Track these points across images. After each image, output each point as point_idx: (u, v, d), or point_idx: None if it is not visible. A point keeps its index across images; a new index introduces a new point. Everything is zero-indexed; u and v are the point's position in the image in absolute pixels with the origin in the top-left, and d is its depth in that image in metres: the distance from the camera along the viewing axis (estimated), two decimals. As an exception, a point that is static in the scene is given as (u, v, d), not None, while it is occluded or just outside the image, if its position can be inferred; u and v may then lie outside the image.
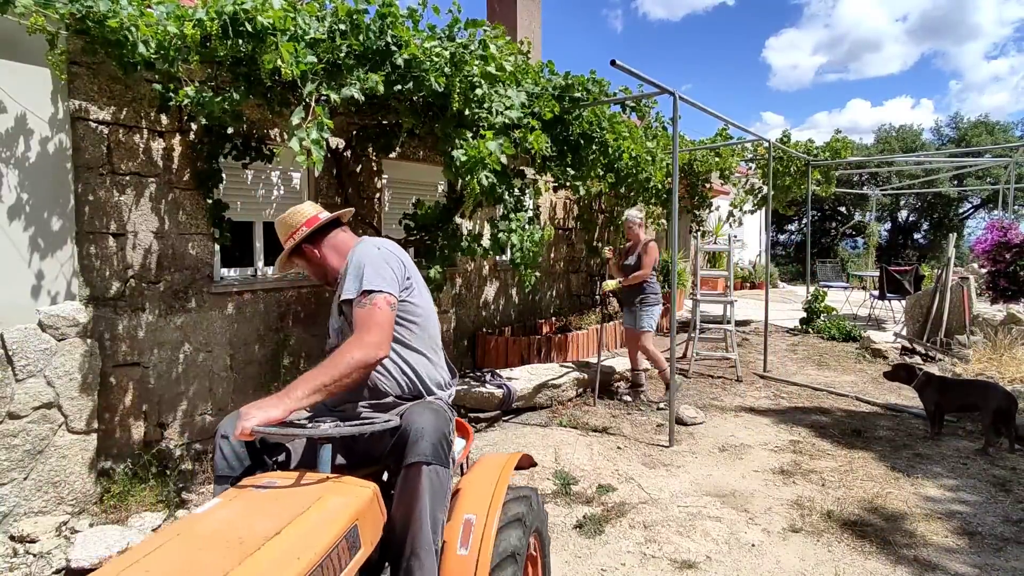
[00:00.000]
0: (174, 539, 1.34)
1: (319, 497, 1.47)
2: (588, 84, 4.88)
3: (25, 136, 3.19)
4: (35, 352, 3.19)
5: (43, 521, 3.13)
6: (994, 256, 7.54)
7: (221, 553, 1.26)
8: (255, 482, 1.60)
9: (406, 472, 1.64)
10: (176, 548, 1.31)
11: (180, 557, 1.27)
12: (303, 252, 2.06)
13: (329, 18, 3.51)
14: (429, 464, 1.63)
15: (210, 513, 1.45)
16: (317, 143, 3.12)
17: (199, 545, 1.31)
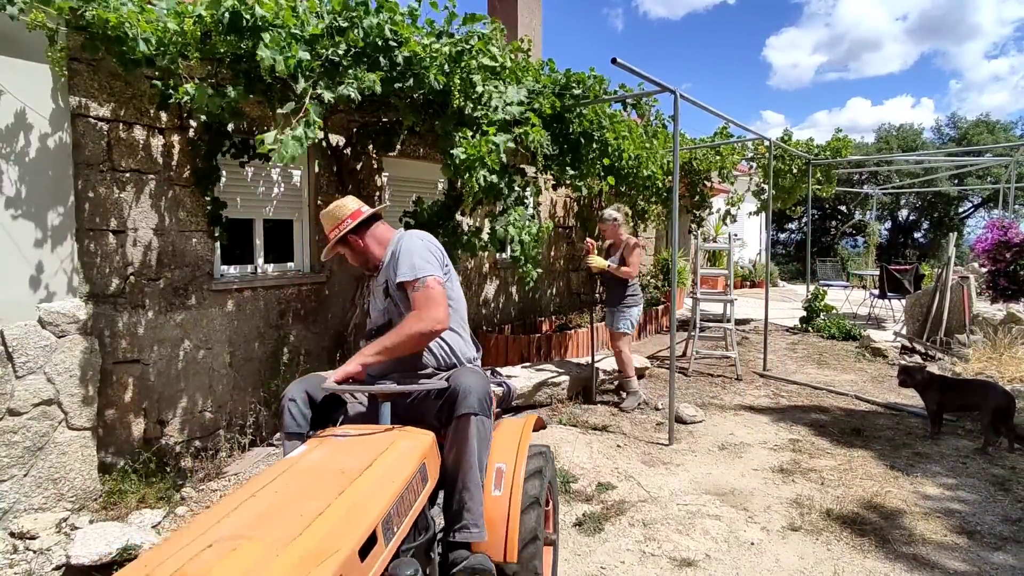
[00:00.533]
0: (285, 473, 1.61)
1: (393, 441, 1.80)
2: (588, 81, 4.88)
3: (25, 133, 3.18)
4: (35, 349, 3.19)
5: (43, 518, 3.13)
6: (994, 255, 7.54)
7: (331, 480, 1.55)
8: (332, 433, 1.91)
9: (457, 422, 1.95)
10: (291, 478, 1.59)
11: (298, 483, 1.56)
12: (348, 242, 2.36)
13: (328, 15, 3.50)
14: (476, 415, 1.95)
15: (305, 456, 1.74)
16: (298, 140, 3.09)
17: (309, 476, 1.61)
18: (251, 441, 4.30)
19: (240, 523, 1.36)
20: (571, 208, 8.39)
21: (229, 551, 1.22)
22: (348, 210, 2.35)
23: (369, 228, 2.38)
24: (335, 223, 2.34)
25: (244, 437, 4.25)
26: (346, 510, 1.42)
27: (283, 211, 4.80)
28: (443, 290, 2.17)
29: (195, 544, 1.27)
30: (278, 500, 1.46)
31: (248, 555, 1.21)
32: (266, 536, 1.29)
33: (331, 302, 5.08)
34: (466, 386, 1.96)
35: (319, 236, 4.99)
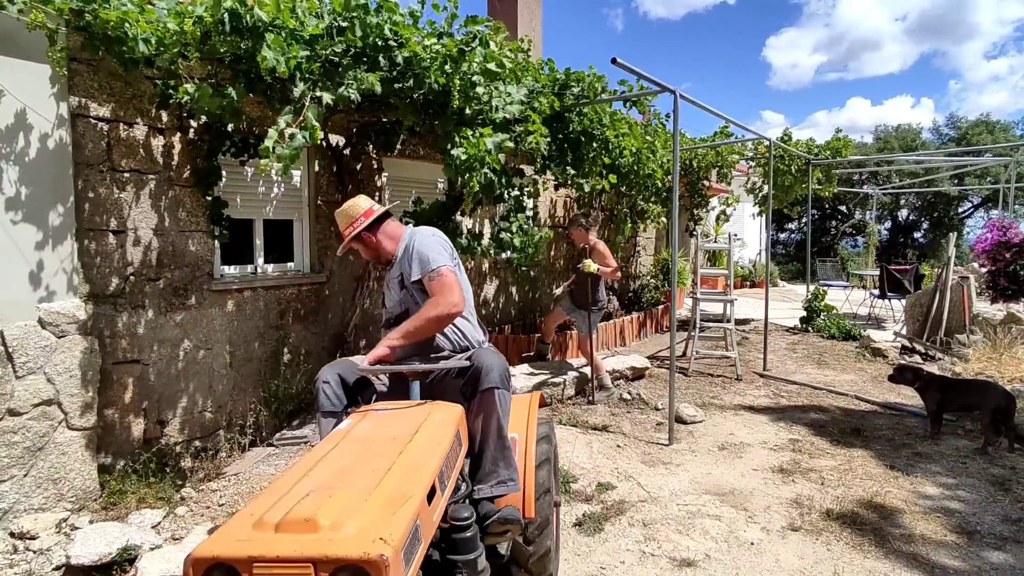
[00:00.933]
0: (341, 442, 1.82)
1: (429, 412, 2.03)
2: (588, 79, 4.88)
3: (25, 133, 3.18)
4: (35, 349, 3.19)
5: (43, 518, 3.13)
6: (994, 255, 7.54)
7: (385, 445, 1.77)
8: (370, 409, 2.14)
9: (482, 395, 2.19)
10: (350, 444, 1.81)
11: (358, 447, 1.78)
12: (362, 238, 2.55)
13: (328, 15, 3.50)
14: (499, 388, 2.20)
15: (352, 428, 1.95)
16: (296, 149, 3.10)
17: (365, 442, 1.83)
18: (251, 441, 4.29)
19: (323, 478, 1.59)
20: (571, 208, 8.39)
21: (327, 496, 1.47)
22: (361, 209, 2.54)
23: (381, 225, 2.58)
24: (349, 221, 2.54)
25: (244, 437, 4.26)
26: (408, 466, 1.67)
27: (283, 211, 4.80)
28: (455, 278, 2.40)
29: (292, 494, 1.50)
30: (347, 461, 1.71)
31: (343, 499, 1.46)
32: (351, 486, 1.53)
33: (331, 302, 5.08)
34: (488, 364, 2.21)
35: (319, 236, 4.99)
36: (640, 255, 10.25)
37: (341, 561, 1.27)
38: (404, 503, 1.50)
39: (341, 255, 3.14)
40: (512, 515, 2.12)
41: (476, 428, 2.21)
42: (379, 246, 2.57)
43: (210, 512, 3.42)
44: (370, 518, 1.40)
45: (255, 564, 1.29)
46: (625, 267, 9.81)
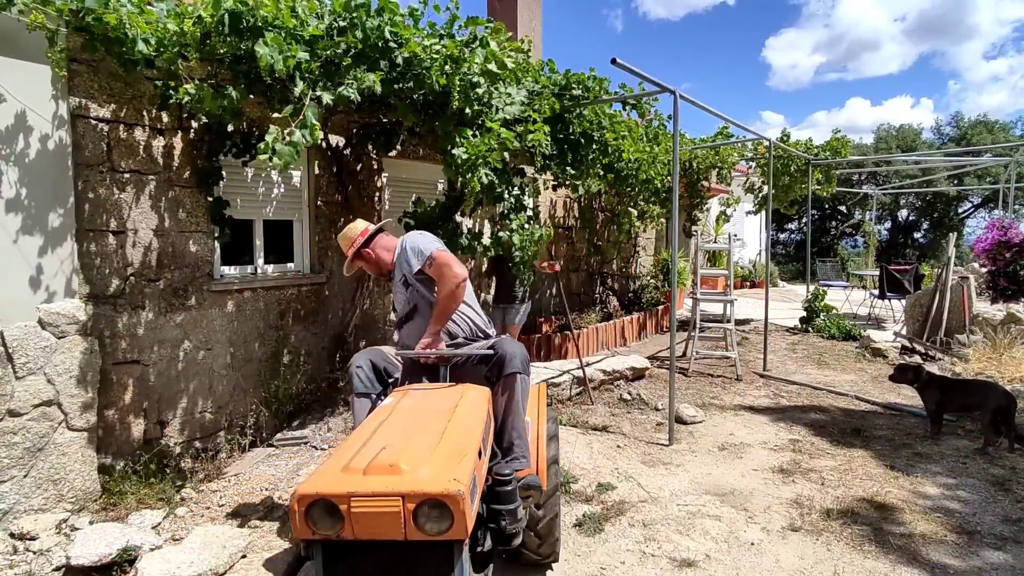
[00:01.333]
0: (392, 414, 2.06)
1: (463, 392, 2.29)
2: (588, 82, 4.88)
3: (25, 133, 3.18)
4: (35, 349, 3.19)
5: (43, 518, 3.13)
6: (994, 255, 7.54)
7: (434, 415, 2.02)
8: (408, 388, 2.40)
9: (505, 379, 2.43)
10: (400, 415, 2.05)
11: (409, 417, 2.03)
12: (362, 255, 2.87)
13: (328, 16, 3.50)
14: (521, 373, 2.45)
15: (398, 403, 2.19)
16: (294, 146, 3.10)
17: (414, 413, 2.08)
18: (251, 442, 4.29)
19: (389, 438, 1.84)
20: (571, 208, 8.39)
21: (402, 449, 1.73)
22: (357, 230, 2.87)
23: (375, 240, 2.88)
24: (349, 243, 2.86)
25: (244, 438, 4.25)
26: (458, 431, 1.92)
27: (283, 211, 4.80)
28: (449, 254, 2.65)
29: (367, 450, 1.75)
30: (405, 426, 1.95)
31: (415, 451, 1.72)
32: (417, 443, 1.78)
33: (331, 302, 5.08)
34: (511, 352, 2.46)
35: (319, 236, 5.00)
36: (640, 255, 10.25)
37: (426, 495, 1.53)
38: (463, 456, 1.76)
39: (348, 275, 3.31)
40: (534, 482, 2.36)
41: (499, 408, 2.44)
42: (379, 259, 2.86)
43: (210, 513, 3.42)
44: (440, 465, 1.67)
45: (352, 498, 1.54)
46: (625, 267, 9.83)
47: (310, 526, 1.57)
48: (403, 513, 1.53)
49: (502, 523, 1.96)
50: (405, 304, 2.79)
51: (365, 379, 2.53)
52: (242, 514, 3.40)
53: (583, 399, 5.50)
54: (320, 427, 4.48)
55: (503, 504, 1.97)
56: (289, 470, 3.91)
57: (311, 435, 4.38)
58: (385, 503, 1.53)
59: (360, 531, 1.55)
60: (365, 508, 1.53)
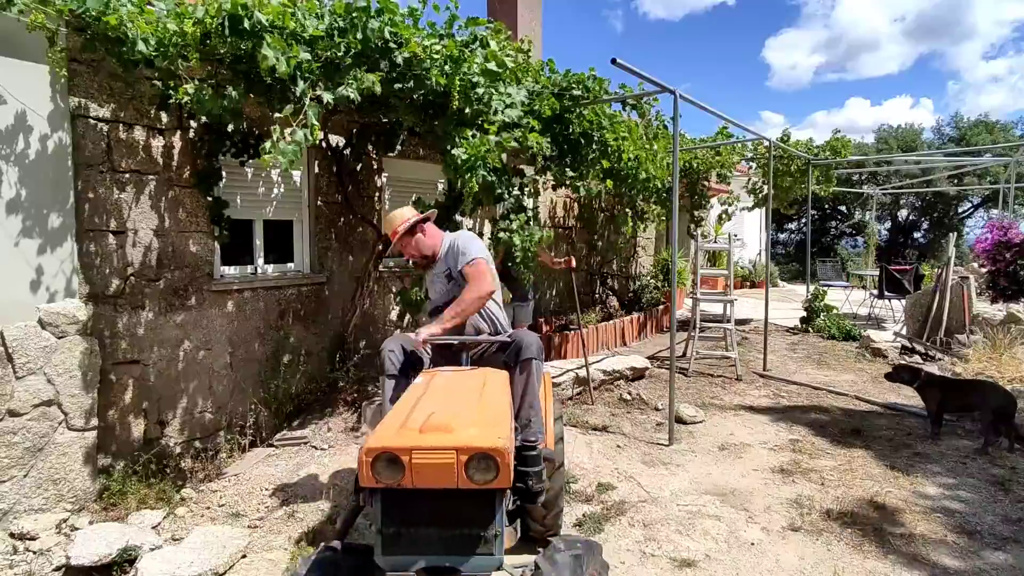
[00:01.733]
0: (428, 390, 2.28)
1: (486, 374, 2.54)
2: (588, 82, 4.88)
3: (25, 133, 3.18)
4: (35, 349, 3.19)
5: (43, 518, 3.13)
6: (994, 255, 7.54)
7: (466, 392, 2.27)
8: (436, 371, 2.61)
9: (523, 364, 2.70)
10: (435, 392, 2.26)
11: (443, 394, 2.24)
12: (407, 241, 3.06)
13: (328, 16, 3.50)
14: (536, 359, 2.72)
15: (430, 382, 2.42)
16: (297, 144, 3.11)
17: (446, 390, 2.30)
18: (251, 442, 4.30)
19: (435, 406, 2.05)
20: (571, 208, 8.39)
21: (451, 412, 1.99)
22: (405, 215, 3.07)
23: (423, 226, 3.10)
24: (395, 225, 3.05)
25: (244, 438, 4.26)
26: (490, 403, 2.18)
27: (283, 211, 4.80)
28: (489, 266, 2.94)
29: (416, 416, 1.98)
30: (444, 399, 2.16)
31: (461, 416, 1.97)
32: (460, 411, 2.03)
33: (331, 302, 5.08)
34: (528, 340, 2.75)
35: (319, 236, 5.00)
36: (640, 255, 10.26)
37: (477, 449, 1.79)
38: (500, 422, 2.02)
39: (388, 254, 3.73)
40: (550, 454, 2.63)
41: (518, 388, 2.69)
42: (420, 245, 3.08)
43: (210, 513, 3.42)
44: (484, 427, 1.92)
45: (414, 452, 1.79)
46: (625, 267, 9.83)
47: (374, 476, 1.81)
48: (457, 465, 1.79)
49: (528, 483, 2.18)
50: (444, 295, 3.07)
51: (396, 361, 2.77)
52: (242, 514, 3.40)
53: (583, 398, 5.50)
54: (320, 427, 4.48)
55: (529, 467, 2.18)
56: (289, 470, 3.91)
57: (311, 435, 4.38)
58: (442, 456, 1.79)
59: (418, 480, 1.80)
60: (424, 460, 1.79)
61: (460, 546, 1.86)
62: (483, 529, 1.86)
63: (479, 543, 1.86)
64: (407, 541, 1.86)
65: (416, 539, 1.86)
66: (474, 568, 1.84)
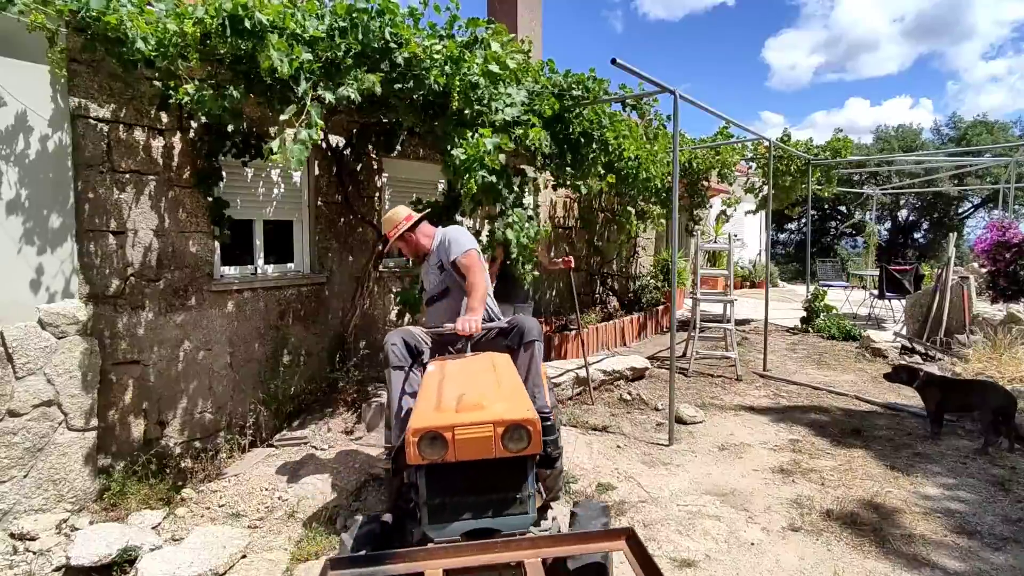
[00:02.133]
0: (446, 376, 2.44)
1: (492, 358, 2.70)
2: (588, 82, 4.88)
3: (25, 134, 3.18)
4: (35, 350, 3.19)
5: (43, 519, 3.13)
6: (994, 255, 7.54)
7: (480, 374, 2.45)
8: (445, 359, 2.78)
9: (526, 345, 2.92)
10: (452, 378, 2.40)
11: (460, 378, 2.39)
12: (404, 237, 3.28)
13: (328, 16, 3.50)
14: (537, 341, 2.94)
15: (443, 368, 2.58)
16: (303, 143, 3.11)
17: (462, 375, 2.45)
18: (251, 442, 4.29)
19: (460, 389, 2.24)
20: (571, 208, 8.39)
21: (478, 392, 2.20)
22: (401, 215, 3.28)
23: (418, 227, 3.30)
24: (394, 224, 3.25)
25: (244, 438, 4.25)
26: (505, 381, 2.36)
27: (283, 212, 4.80)
28: (479, 256, 3.16)
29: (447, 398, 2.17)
30: (464, 382, 2.34)
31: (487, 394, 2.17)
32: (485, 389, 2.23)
33: (331, 302, 5.08)
34: (529, 324, 2.97)
35: (319, 237, 5.00)
36: (640, 255, 10.26)
37: (510, 422, 1.99)
38: (522, 396, 2.22)
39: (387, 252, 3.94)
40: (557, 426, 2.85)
41: (523, 368, 2.90)
42: (418, 243, 3.31)
43: (210, 513, 3.42)
44: (511, 401, 2.13)
45: (456, 428, 1.98)
46: (625, 267, 9.83)
47: (420, 454, 1.98)
48: (494, 437, 1.99)
49: (548, 450, 2.43)
50: (437, 285, 3.27)
51: (400, 354, 2.89)
52: (242, 514, 3.40)
53: (583, 399, 5.51)
54: (320, 427, 4.49)
55: (547, 435, 2.36)
56: (289, 470, 3.91)
57: (311, 435, 4.38)
58: (480, 430, 1.99)
59: (461, 453, 1.99)
60: (465, 435, 1.98)
61: (498, 508, 2.08)
62: (517, 492, 2.08)
63: (514, 504, 2.08)
64: (450, 509, 2.06)
65: (458, 506, 2.06)
66: (511, 526, 2.06)
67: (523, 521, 2.09)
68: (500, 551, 1.80)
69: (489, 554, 1.78)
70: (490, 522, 2.06)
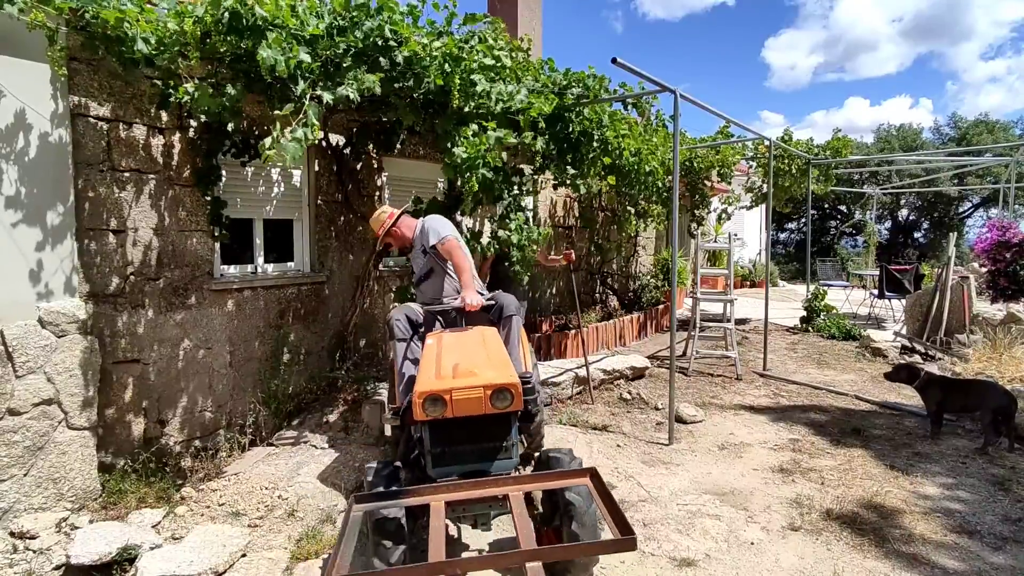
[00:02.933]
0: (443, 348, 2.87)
1: (482, 331, 3.14)
2: (588, 81, 4.87)
3: (25, 132, 3.18)
4: (35, 348, 3.19)
5: (43, 517, 3.13)
6: (994, 255, 7.53)
7: (472, 346, 2.90)
8: (442, 333, 3.17)
9: (505, 320, 3.37)
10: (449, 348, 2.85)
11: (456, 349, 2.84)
12: (391, 233, 3.79)
13: (328, 15, 3.50)
14: (515, 316, 3.40)
15: (440, 340, 3.01)
16: (298, 141, 3.11)
17: (457, 346, 2.89)
18: (251, 441, 4.29)
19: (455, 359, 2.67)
20: (571, 208, 8.39)
21: (470, 361, 2.64)
22: (386, 214, 3.81)
23: (400, 220, 3.80)
24: (380, 224, 3.78)
25: (244, 437, 4.25)
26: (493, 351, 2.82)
27: (283, 211, 4.80)
28: (458, 242, 3.59)
29: (444, 366, 2.62)
30: (459, 353, 2.78)
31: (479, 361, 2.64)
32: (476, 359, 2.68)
33: (331, 302, 5.08)
34: (508, 301, 3.43)
35: (319, 236, 5.00)
36: (640, 255, 10.25)
37: (497, 385, 2.45)
38: (507, 364, 2.68)
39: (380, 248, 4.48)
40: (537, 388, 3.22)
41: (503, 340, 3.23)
42: (403, 236, 3.78)
43: (210, 512, 3.42)
44: (498, 368, 2.58)
45: (453, 391, 2.43)
46: (625, 267, 9.83)
47: (424, 412, 2.42)
48: (484, 397, 2.44)
49: (528, 407, 2.87)
50: (423, 267, 3.73)
51: (403, 328, 3.35)
52: (242, 513, 3.40)
53: (583, 398, 5.51)
54: (320, 426, 4.48)
55: (527, 395, 2.79)
56: (289, 469, 3.91)
57: (311, 434, 4.38)
58: (473, 392, 2.44)
59: (457, 411, 2.45)
60: (461, 396, 2.44)
61: (487, 455, 2.54)
62: (503, 441, 2.54)
63: (500, 451, 2.54)
64: (450, 456, 2.52)
65: (456, 454, 2.52)
66: (498, 468, 2.53)
67: (508, 464, 2.56)
68: (490, 487, 2.26)
69: (481, 489, 2.23)
70: (482, 465, 2.54)
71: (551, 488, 2.47)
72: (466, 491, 2.23)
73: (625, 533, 1.79)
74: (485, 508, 2.52)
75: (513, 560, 2.04)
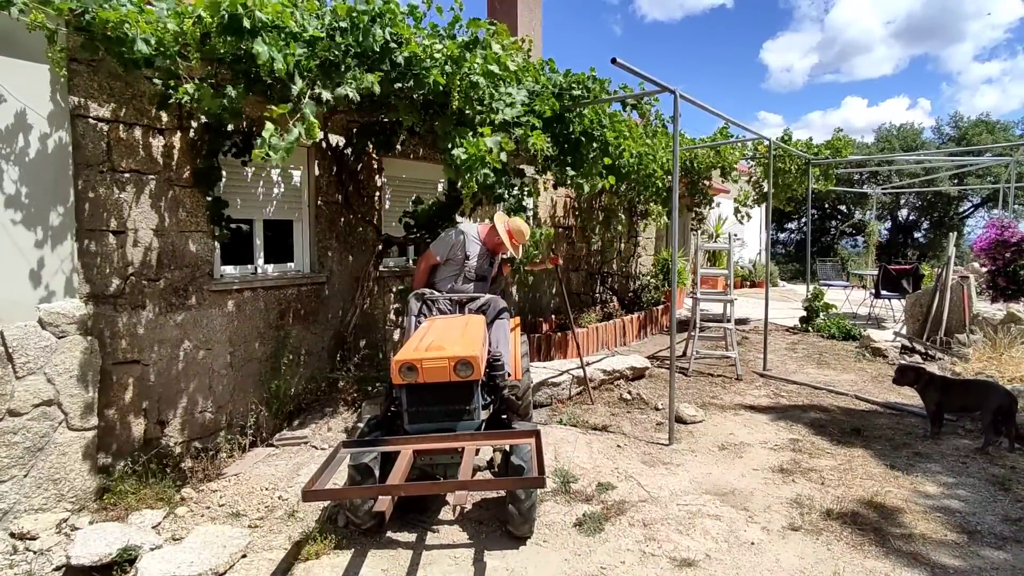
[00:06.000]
0: (431, 328, 3.51)
1: (468, 317, 3.82)
2: (588, 82, 4.88)
3: (25, 133, 3.18)
4: (35, 349, 3.19)
5: (43, 518, 3.13)
6: (994, 255, 7.53)
7: (454, 328, 3.50)
8: (435, 317, 3.94)
9: (496, 318, 4.05)
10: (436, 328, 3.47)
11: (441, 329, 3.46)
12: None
13: (328, 16, 3.50)
14: (505, 314, 4.12)
15: (433, 322, 3.73)
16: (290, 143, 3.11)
17: (443, 327, 3.50)
18: (251, 442, 4.29)
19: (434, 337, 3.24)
20: (571, 208, 8.39)
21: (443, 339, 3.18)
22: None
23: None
24: (524, 237, 4.48)
25: (244, 438, 4.25)
26: (468, 333, 3.37)
27: (283, 211, 4.80)
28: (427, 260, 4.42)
29: (423, 342, 3.17)
30: (440, 332, 3.36)
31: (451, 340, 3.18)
32: (450, 337, 3.23)
33: (331, 302, 5.08)
34: (496, 302, 4.16)
35: (319, 236, 5.00)
36: (640, 255, 10.25)
37: (459, 358, 2.96)
38: (474, 343, 3.16)
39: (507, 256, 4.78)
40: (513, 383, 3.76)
41: (495, 332, 3.96)
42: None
43: (210, 512, 3.42)
44: (464, 345, 3.09)
45: (424, 361, 2.96)
46: (625, 267, 9.82)
47: (401, 377, 2.97)
48: (448, 367, 2.96)
49: (496, 380, 3.46)
50: (488, 270, 4.53)
51: (415, 308, 4.09)
52: (242, 514, 3.40)
53: (583, 398, 5.51)
54: (320, 427, 4.48)
55: (495, 372, 3.47)
56: (289, 470, 3.91)
57: (311, 435, 4.38)
58: (439, 363, 2.96)
59: (427, 377, 2.98)
60: (430, 365, 2.96)
61: (453, 416, 3.07)
62: (467, 405, 3.07)
63: (464, 414, 3.08)
64: (422, 415, 3.07)
65: (427, 414, 3.06)
66: (462, 428, 3.06)
67: (471, 425, 3.07)
68: (448, 441, 2.90)
69: (440, 443, 2.90)
70: (449, 424, 3.07)
71: (500, 446, 3.18)
72: (429, 443, 2.87)
73: (540, 474, 2.59)
74: (448, 459, 2.99)
75: (447, 487, 2.70)
